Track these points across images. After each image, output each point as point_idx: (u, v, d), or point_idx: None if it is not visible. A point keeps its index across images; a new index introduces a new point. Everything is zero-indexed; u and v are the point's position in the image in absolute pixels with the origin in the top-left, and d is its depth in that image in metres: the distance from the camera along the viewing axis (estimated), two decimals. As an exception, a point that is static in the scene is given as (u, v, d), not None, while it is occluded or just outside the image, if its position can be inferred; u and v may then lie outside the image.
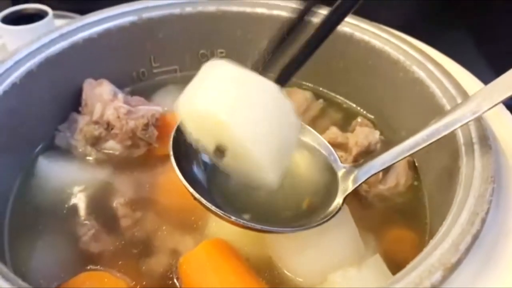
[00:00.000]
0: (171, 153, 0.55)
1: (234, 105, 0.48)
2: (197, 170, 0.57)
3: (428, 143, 0.53)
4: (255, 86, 0.50)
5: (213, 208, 0.52)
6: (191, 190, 0.52)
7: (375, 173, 0.57)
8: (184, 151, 0.56)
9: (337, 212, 0.55)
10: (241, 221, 0.52)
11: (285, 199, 0.55)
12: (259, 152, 0.48)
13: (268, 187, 0.51)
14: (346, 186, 0.57)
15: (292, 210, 0.55)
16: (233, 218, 0.52)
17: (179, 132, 0.55)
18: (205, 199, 0.52)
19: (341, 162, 0.67)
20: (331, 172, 0.60)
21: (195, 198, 0.52)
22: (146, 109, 0.71)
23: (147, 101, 0.77)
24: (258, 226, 0.52)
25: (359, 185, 0.57)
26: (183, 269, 0.56)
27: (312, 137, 0.62)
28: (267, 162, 0.49)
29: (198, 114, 0.49)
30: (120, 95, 0.73)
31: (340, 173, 0.59)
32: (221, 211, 0.52)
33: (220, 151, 0.50)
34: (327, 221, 0.54)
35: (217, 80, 0.50)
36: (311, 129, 0.63)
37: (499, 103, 0.50)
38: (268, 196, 0.55)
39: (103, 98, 0.71)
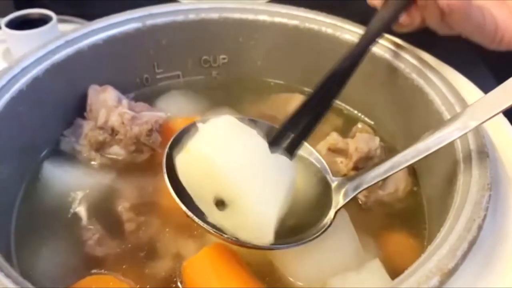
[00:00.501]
0: (164, 170, 0.56)
1: (232, 154, 0.52)
2: None
3: (418, 158, 0.55)
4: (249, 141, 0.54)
5: (205, 226, 0.53)
6: (184, 208, 0.54)
7: (366, 188, 0.58)
8: None
9: (327, 228, 0.56)
10: (233, 238, 0.53)
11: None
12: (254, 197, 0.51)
13: (264, 240, 0.53)
14: (338, 200, 0.58)
15: (286, 226, 0.56)
16: (225, 236, 0.53)
17: (173, 147, 0.57)
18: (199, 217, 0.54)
19: (342, 168, 0.69)
20: (324, 186, 0.61)
21: (187, 216, 0.54)
22: (150, 115, 0.72)
23: (151, 107, 0.78)
24: (250, 244, 0.53)
25: (350, 199, 0.58)
26: (187, 273, 0.57)
27: (305, 150, 0.64)
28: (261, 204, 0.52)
29: (196, 160, 0.52)
30: (125, 101, 0.74)
31: (332, 186, 0.60)
32: (214, 230, 0.53)
33: (219, 202, 0.53)
34: (317, 237, 0.55)
35: (216, 133, 0.54)
36: (307, 144, 0.64)
37: (488, 119, 0.52)
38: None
39: (107, 104, 0.72)
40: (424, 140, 0.55)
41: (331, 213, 0.57)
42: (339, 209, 0.58)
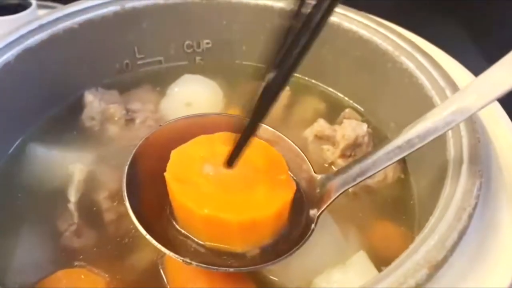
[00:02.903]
0: (125, 194, 0.53)
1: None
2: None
3: (405, 153, 0.51)
4: None
5: (172, 254, 0.50)
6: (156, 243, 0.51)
7: (349, 187, 0.54)
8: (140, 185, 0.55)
9: (309, 236, 0.53)
10: (203, 266, 0.49)
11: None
12: None
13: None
14: (321, 201, 0.55)
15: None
16: (194, 263, 0.49)
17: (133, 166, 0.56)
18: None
19: (329, 156, 0.67)
20: (306, 185, 0.58)
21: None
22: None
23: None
24: (222, 269, 0.50)
25: (331, 203, 0.55)
26: (170, 264, 0.55)
27: (286, 146, 0.60)
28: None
29: None
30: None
31: (315, 185, 0.57)
32: (180, 257, 0.50)
33: None
34: (299, 248, 0.52)
35: None
36: (284, 137, 0.61)
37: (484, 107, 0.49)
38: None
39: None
40: (412, 131, 0.51)
41: (313, 218, 0.54)
42: (321, 212, 0.54)
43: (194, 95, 0.77)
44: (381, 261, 0.54)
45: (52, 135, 0.72)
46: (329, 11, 0.42)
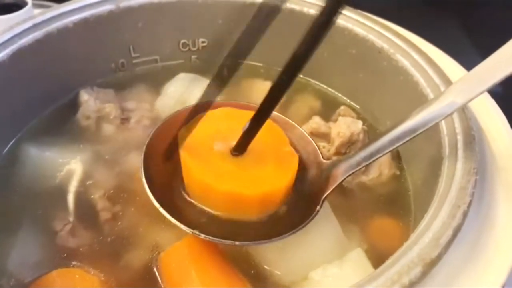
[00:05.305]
0: (142, 170, 0.56)
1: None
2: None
3: (404, 141, 0.52)
4: None
5: (182, 227, 0.53)
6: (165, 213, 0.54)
7: (354, 172, 0.56)
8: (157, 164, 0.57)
9: (313, 217, 0.54)
10: (211, 238, 0.52)
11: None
12: None
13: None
14: (326, 185, 0.56)
15: (268, 217, 0.55)
16: (202, 235, 0.52)
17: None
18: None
19: (324, 153, 0.67)
20: (311, 170, 0.59)
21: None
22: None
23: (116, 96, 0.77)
24: (228, 242, 0.53)
25: (337, 186, 0.56)
26: (164, 264, 0.55)
27: (294, 132, 0.62)
28: None
29: None
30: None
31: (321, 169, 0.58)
32: (190, 229, 0.53)
33: None
34: (302, 227, 0.53)
35: None
36: (296, 125, 0.63)
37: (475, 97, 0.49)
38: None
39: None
40: (410, 120, 0.52)
41: (319, 200, 0.55)
42: (327, 195, 0.55)
43: (189, 94, 0.77)
44: (378, 257, 0.54)
45: (47, 135, 0.71)
46: (334, 13, 0.43)
